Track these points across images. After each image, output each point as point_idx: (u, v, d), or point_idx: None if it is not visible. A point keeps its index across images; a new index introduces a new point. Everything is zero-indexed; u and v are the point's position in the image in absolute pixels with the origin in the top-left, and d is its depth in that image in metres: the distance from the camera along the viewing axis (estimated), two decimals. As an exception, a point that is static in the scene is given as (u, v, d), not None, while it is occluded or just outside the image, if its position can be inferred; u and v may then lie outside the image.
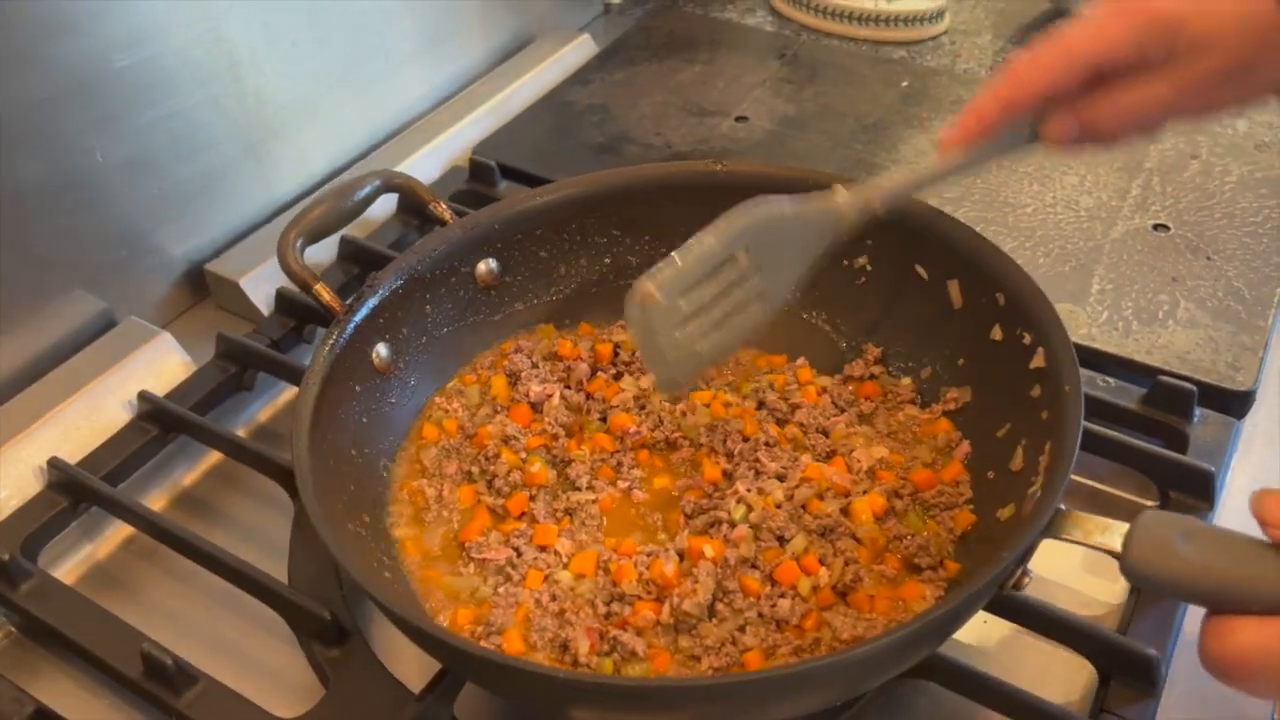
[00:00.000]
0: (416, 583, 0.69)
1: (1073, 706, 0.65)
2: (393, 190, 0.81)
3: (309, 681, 0.67)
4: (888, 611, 0.64)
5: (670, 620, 0.63)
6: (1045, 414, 0.64)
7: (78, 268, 0.88)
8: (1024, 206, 0.98)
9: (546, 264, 0.85)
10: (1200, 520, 0.53)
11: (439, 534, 0.72)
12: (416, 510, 0.73)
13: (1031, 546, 0.57)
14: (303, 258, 0.74)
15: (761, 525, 0.68)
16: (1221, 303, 0.87)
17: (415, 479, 0.75)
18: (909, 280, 0.77)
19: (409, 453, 0.77)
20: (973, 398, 0.74)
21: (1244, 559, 0.50)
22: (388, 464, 0.76)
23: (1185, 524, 0.53)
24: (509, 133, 1.11)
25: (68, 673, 0.70)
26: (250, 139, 0.98)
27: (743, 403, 0.78)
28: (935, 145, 0.60)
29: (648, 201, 0.83)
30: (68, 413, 0.81)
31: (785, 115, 1.12)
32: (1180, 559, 0.51)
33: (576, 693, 0.56)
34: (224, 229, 0.98)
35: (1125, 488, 0.78)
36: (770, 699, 0.55)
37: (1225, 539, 0.52)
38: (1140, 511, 0.54)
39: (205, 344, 0.87)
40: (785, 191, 0.79)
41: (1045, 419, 0.64)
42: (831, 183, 0.67)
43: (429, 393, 0.80)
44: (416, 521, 0.73)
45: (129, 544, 0.79)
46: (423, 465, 0.76)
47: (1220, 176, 1.00)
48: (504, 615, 0.65)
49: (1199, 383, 0.80)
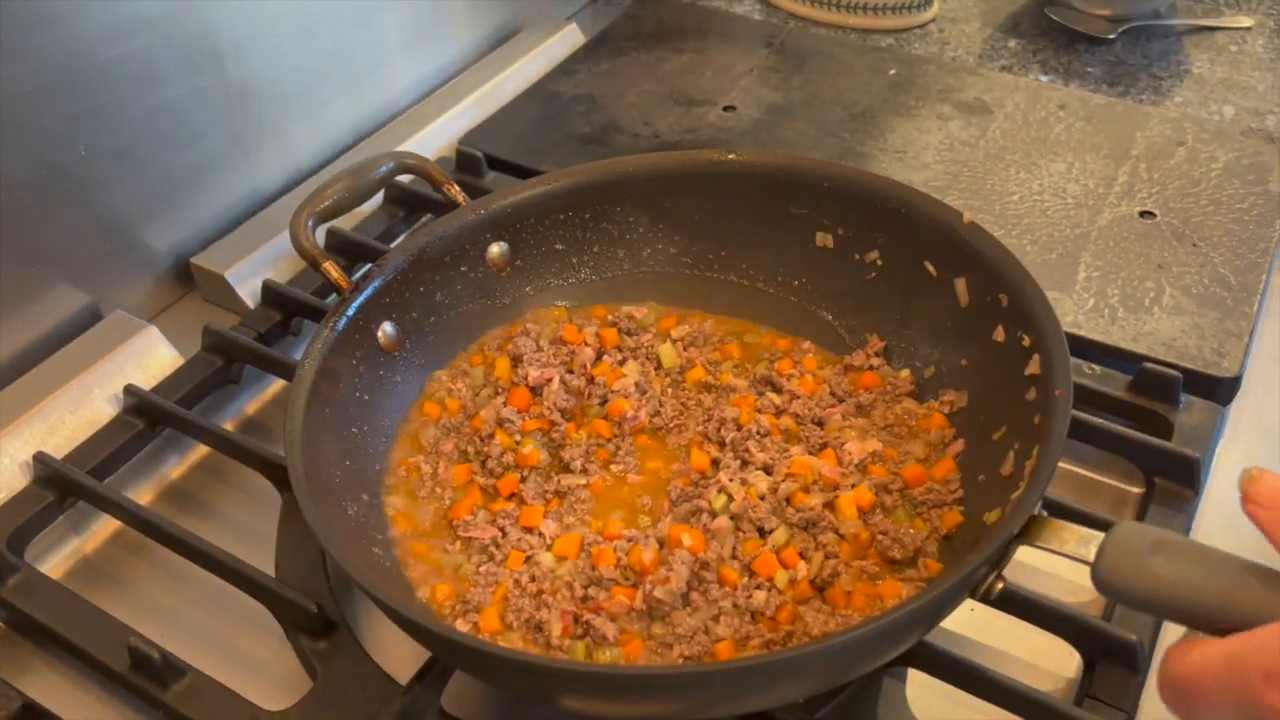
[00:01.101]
0: (403, 556, 0.69)
1: (1058, 694, 0.65)
2: (406, 171, 0.81)
3: (296, 674, 0.67)
4: (863, 608, 0.64)
5: (643, 606, 0.64)
6: (1038, 418, 0.64)
7: (62, 262, 0.87)
8: (1011, 194, 0.98)
9: (558, 249, 0.85)
10: (1177, 535, 0.52)
11: (430, 510, 0.72)
12: (411, 486, 0.74)
13: (1007, 551, 0.57)
14: (313, 235, 0.74)
15: (743, 516, 0.68)
16: (1207, 289, 0.87)
17: (413, 455, 0.75)
18: (918, 277, 0.77)
19: (409, 430, 0.77)
20: (970, 400, 0.74)
21: (1217, 576, 0.49)
22: (387, 441, 0.76)
23: (1160, 538, 0.51)
24: (496, 123, 1.10)
25: (55, 667, 0.70)
26: (236, 132, 0.97)
27: (746, 389, 0.78)
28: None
29: (661, 189, 0.84)
30: (53, 407, 0.81)
31: (773, 104, 1.12)
32: (1152, 574, 0.50)
33: (564, 681, 0.57)
34: (210, 222, 0.98)
35: (1111, 474, 0.79)
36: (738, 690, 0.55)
37: (1200, 555, 0.50)
38: (1116, 523, 0.53)
39: (192, 337, 0.87)
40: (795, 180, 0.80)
41: (1037, 424, 0.64)
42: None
43: (432, 373, 0.80)
44: (410, 496, 0.73)
45: (116, 538, 0.78)
46: (420, 443, 0.76)
47: (1206, 163, 1.00)
48: (482, 594, 0.66)
49: (1185, 369, 0.80)
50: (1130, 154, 1.02)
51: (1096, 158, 1.02)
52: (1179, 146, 1.03)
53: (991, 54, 1.24)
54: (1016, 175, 1.00)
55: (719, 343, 0.83)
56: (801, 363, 0.80)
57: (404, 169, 0.81)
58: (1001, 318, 0.71)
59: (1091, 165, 1.01)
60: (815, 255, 0.82)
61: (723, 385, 0.79)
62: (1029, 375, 0.67)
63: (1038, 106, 1.09)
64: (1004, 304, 0.70)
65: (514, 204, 0.82)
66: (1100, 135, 1.05)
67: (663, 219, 0.85)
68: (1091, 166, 1.01)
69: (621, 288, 0.86)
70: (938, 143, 1.05)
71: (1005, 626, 0.67)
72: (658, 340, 0.82)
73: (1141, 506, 0.75)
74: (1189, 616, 0.50)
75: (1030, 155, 1.03)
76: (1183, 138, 1.04)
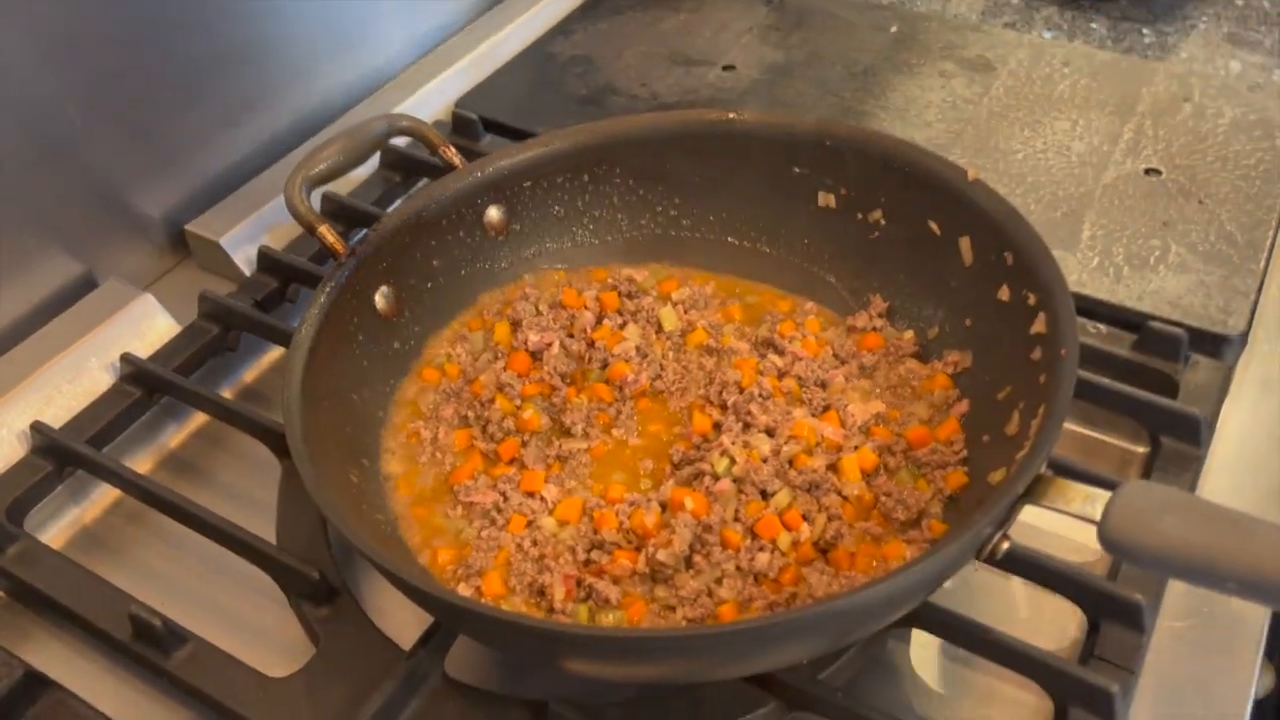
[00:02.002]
0: (403, 522, 0.69)
1: (1063, 653, 0.65)
2: (402, 134, 0.80)
3: (299, 640, 0.67)
4: (867, 570, 0.64)
5: (646, 569, 0.63)
6: (1043, 378, 0.63)
7: (56, 229, 0.87)
8: (1014, 153, 0.97)
9: (556, 212, 0.84)
10: (1184, 493, 0.52)
11: (431, 475, 0.72)
12: (411, 451, 0.73)
13: (1012, 511, 0.56)
14: (309, 199, 0.73)
15: (745, 479, 0.67)
16: (1213, 247, 0.86)
17: (413, 421, 0.75)
18: (922, 236, 0.76)
19: (409, 395, 0.77)
20: (975, 360, 0.73)
21: (1225, 534, 0.49)
22: (387, 407, 0.75)
23: (1167, 495, 0.51)
24: (491, 86, 1.09)
25: (57, 636, 0.69)
26: (229, 97, 0.96)
27: (748, 351, 0.77)
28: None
29: (660, 151, 0.83)
30: (50, 376, 0.80)
31: (773, 63, 1.10)
32: (1159, 532, 0.50)
33: (568, 644, 0.57)
34: (205, 188, 0.97)
35: (1117, 434, 0.78)
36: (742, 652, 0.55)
37: (1207, 513, 0.50)
38: (1124, 481, 0.53)
39: (188, 305, 0.87)
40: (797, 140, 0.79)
41: (1043, 383, 0.63)
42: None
43: (432, 337, 0.80)
44: (410, 462, 0.73)
45: (116, 507, 0.78)
46: (420, 409, 0.76)
47: (1213, 119, 0.99)
48: (484, 558, 0.66)
49: (1190, 328, 0.79)
50: (1135, 111, 1.01)
51: (1101, 115, 1.01)
52: (1185, 103, 1.01)
53: (995, 10, 1.23)
54: (1020, 133, 0.99)
55: (720, 305, 0.82)
56: (804, 324, 0.79)
57: (400, 131, 0.80)
58: (1007, 276, 0.70)
59: (1096, 122, 1.00)
60: (818, 216, 0.81)
61: (724, 348, 0.78)
62: (1034, 334, 0.66)
63: (1041, 63, 1.08)
64: (1009, 262, 0.69)
65: (511, 166, 0.81)
66: (1105, 92, 1.03)
67: (662, 180, 0.84)
68: (1096, 124, 1.00)
69: (621, 251, 0.85)
70: (940, 101, 1.04)
71: (1009, 586, 0.67)
72: (658, 303, 0.81)
73: (1147, 466, 0.75)
74: (1196, 574, 0.50)
75: (1034, 113, 1.01)
76: (1189, 94, 1.02)
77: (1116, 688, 0.59)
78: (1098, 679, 0.59)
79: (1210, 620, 0.65)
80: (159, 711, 0.65)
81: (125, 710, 0.65)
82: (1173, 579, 0.65)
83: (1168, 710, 0.61)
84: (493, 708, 0.61)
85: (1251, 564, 0.48)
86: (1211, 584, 0.49)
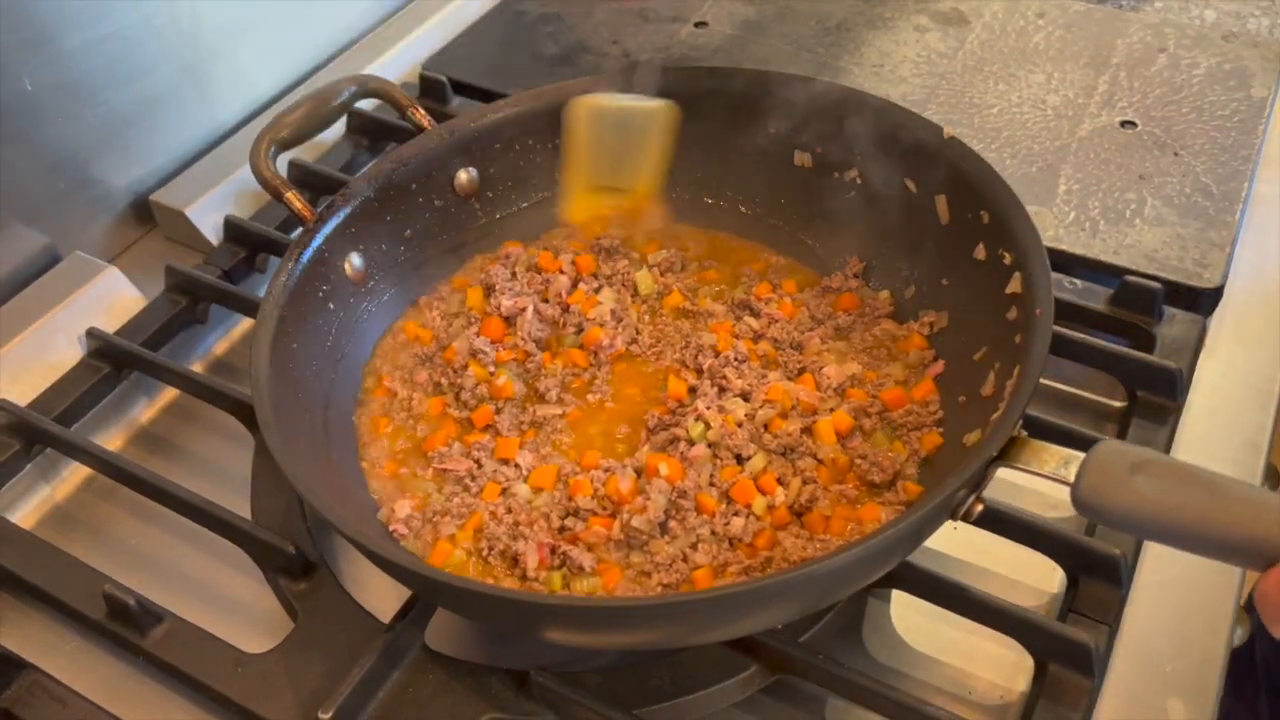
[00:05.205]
0: (376, 485, 0.69)
1: (1042, 609, 0.65)
2: (369, 95, 0.78)
3: (277, 615, 0.67)
4: (842, 533, 0.64)
5: (621, 536, 0.63)
6: (1018, 338, 0.63)
7: (14, 202, 0.84)
8: (990, 107, 0.96)
9: (527, 173, 0.83)
10: (1157, 453, 0.51)
11: (403, 437, 0.72)
12: (385, 410, 0.73)
13: (986, 473, 0.56)
14: (275, 165, 0.72)
15: (720, 443, 0.67)
16: (1189, 199, 0.86)
17: (388, 381, 0.75)
18: (898, 195, 0.75)
19: (378, 365, 0.76)
20: (951, 320, 0.73)
21: (1198, 494, 0.48)
22: (359, 373, 0.75)
23: (1140, 456, 0.51)
24: (460, 46, 1.07)
25: (31, 617, 0.69)
26: (188, 61, 0.94)
27: (723, 315, 0.76)
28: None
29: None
30: (15, 353, 0.79)
31: (745, 19, 1.08)
32: (1132, 492, 0.49)
33: (547, 615, 0.56)
34: (167, 157, 0.95)
35: (1094, 389, 0.78)
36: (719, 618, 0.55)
37: (1181, 473, 0.50)
38: (1100, 438, 0.52)
39: (154, 277, 0.85)
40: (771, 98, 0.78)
41: (1018, 343, 0.63)
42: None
43: (406, 303, 0.79)
44: (385, 419, 0.73)
45: (87, 485, 0.77)
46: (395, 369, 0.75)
47: (1188, 70, 0.98)
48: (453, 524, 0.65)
49: (1166, 281, 0.79)
50: (1110, 62, 1.00)
51: (1076, 67, 1.00)
52: (1160, 53, 1.00)
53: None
54: (995, 87, 0.98)
55: (699, 269, 0.81)
56: (780, 286, 0.79)
57: (367, 93, 0.78)
58: (983, 235, 0.69)
59: (1071, 75, 0.99)
60: (794, 175, 0.80)
61: (700, 310, 0.77)
62: (1010, 294, 0.65)
63: (1016, 15, 1.06)
64: (985, 221, 0.69)
65: (481, 127, 0.80)
66: (1080, 44, 1.02)
67: None
68: (1071, 76, 0.99)
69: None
70: (915, 55, 1.02)
71: (988, 544, 0.67)
72: (634, 267, 0.80)
73: (1124, 420, 0.75)
74: (1169, 535, 0.49)
75: (1009, 66, 1.00)
76: (1164, 44, 1.01)
77: (1095, 643, 0.59)
78: (1076, 634, 0.60)
79: (1187, 571, 0.65)
80: (137, 691, 0.65)
81: (103, 690, 0.64)
82: (1147, 540, 0.65)
83: (1145, 661, 0.62)
84: (474, 678, 0.61)
85: (1224, 525, 0.48)
86: (1185, 545, 0.49)
